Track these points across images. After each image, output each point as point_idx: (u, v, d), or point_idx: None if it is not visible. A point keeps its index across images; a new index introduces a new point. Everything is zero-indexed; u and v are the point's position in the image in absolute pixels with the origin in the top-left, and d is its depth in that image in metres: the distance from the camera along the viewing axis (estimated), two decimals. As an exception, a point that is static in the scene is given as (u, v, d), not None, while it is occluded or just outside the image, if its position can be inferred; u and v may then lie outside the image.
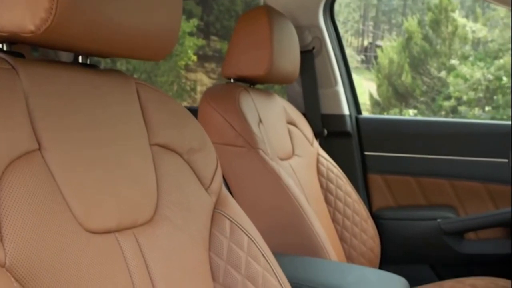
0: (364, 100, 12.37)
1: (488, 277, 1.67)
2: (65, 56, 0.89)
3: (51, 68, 0.77)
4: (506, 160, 1.95)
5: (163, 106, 0.94)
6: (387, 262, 1.91)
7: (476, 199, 1.98)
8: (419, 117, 3.72)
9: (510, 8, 1.32)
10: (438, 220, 1.96)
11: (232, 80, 1.62)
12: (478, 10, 12.72)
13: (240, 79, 1.62)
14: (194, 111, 1.19)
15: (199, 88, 11.14)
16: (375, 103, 12.70)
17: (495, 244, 1.92)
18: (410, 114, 11.99)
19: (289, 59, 1.64)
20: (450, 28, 12.01)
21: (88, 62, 0.85)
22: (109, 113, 0.82)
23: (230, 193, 1.31)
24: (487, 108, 11.33)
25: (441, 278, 1.95)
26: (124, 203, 0.79)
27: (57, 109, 0.74)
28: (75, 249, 0.69)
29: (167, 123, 0.93)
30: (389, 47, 13.10)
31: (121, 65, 8.23)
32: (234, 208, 0.99)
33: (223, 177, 1.42)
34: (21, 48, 0.78)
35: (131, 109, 0.87)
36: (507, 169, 1.94)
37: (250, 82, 1.65)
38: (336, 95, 2.13)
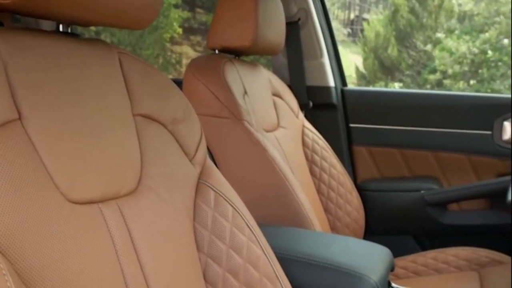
0: (350, 73, 12.36)
1: (470, 247, 1.70)
2: (47, 26, 0.87)
3: (31, 36, 0.75)
4: (489, 132, 1.96)
5: (146, 76, 0.93)
6: (371, 233, 1.93)
7: (460, 170, 2.00)
8: (404, 89, 3.75)
9: None
10: (422, 191, 1.98)
11: (217, 52, 1.61)
12: (465, -17, 12.68)
13: (225, 50, 1.61)
14: (179, 83, 1.18)
15: (184, 61, 11.04)
16: (361, 76, 12.69)
17: (478, 215, 1.95)
18: (395, 87, 12.01)
19: (275, 30, 1.63)
20: (436, 1, 11.97)
21: (69, 30, 0.84)
22: (91, 83, 0.81)
23: (215, 165, 1.30)
24: (472, 82, 11.38)
25: (424, 248, 1.97)
26: (107, 173, 0.78)
27: (37, 78, 0.73)
28: (58, 220, 0.69)
29: (151, 93, 0.92)
30: (375, 20, 13.05)
31: (105, 37, 8.13)
32: (218, 179, 0.99)
33: (208, 149, 1.42)
34: (0, 17, 0.76)
35: (114, 79, 0.86)
36: (490, 141, 1.96)
37: (235, 53, 1.64)
38: (321, 67, 2.12)
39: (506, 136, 1.94)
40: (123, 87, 0.88)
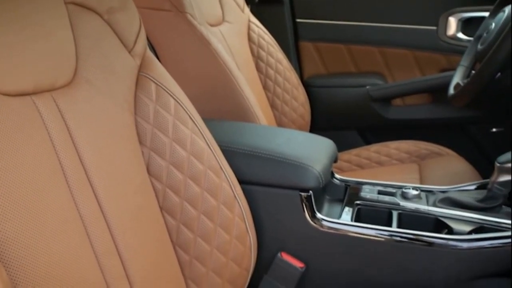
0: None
1: (411, 140, 1.75)
2: None
3: None
4: (434, 28, 1.97)
5: None
6: (316, 128, 1.96)
7: (404, 66, 2.02)
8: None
9: None
10: (367, 87, 2.00)
11: None
12: None
13: None
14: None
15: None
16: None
17: (420, 110, 1.99)
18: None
19: None
20: None
21: None
22: None
23: (158, 59, 1.26)
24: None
25: (368, 142, 2.02)
26: (39, 64, 0.74)
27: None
28: (-13, 112, 0.66)
29: (83, -20, 0.86)
30: None
31: None
32: (160, 71, 0.96)
33: (150, 44, 1.37)
34: None
35: None
36: (435, 37, 1.97)
37: None
38: None
39: (450, 31, 1.95)
40: None
